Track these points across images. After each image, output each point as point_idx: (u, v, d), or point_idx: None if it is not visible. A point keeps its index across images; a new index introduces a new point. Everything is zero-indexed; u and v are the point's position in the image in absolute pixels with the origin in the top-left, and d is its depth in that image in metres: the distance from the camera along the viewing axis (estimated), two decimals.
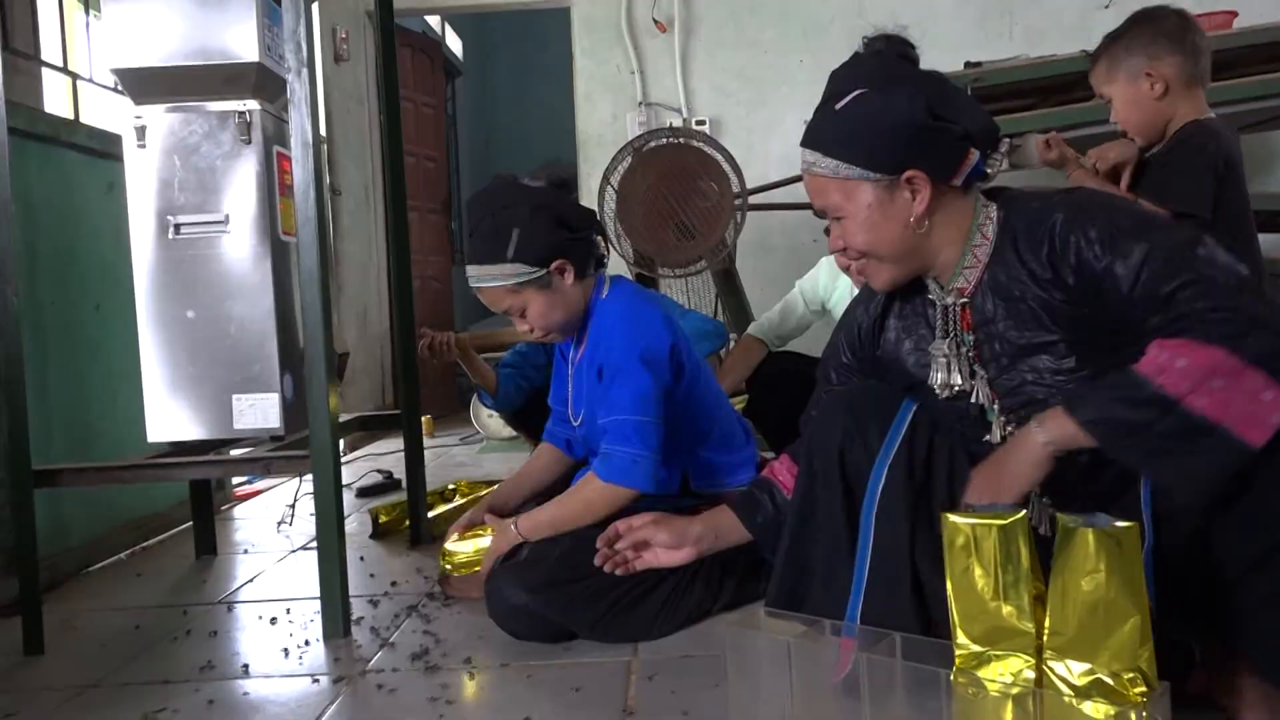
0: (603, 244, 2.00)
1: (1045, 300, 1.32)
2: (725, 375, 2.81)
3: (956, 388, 1.42)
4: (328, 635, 1.89)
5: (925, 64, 1.42)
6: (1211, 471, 1.14)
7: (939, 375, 1.43)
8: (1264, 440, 1.10)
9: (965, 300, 1.41)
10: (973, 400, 1.42)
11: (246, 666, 1.77)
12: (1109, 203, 1.35)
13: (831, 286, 2.84)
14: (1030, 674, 1.14)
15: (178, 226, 2.09)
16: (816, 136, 1.39)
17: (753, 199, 3.50)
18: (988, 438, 1.42)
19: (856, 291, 1.77)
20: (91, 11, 3.60)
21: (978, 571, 1.16)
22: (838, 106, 1.36)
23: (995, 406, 1.41)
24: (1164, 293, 1.18)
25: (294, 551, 2.64)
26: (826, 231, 3.66)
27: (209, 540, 2.63)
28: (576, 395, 2.06)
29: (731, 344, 3.25)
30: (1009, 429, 1.40)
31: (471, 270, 1.90)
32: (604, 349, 1.90)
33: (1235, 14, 3.58)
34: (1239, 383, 1.09)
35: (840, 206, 1.38)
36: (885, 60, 1.39)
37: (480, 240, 1.87)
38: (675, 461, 1.96)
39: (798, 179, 4.43)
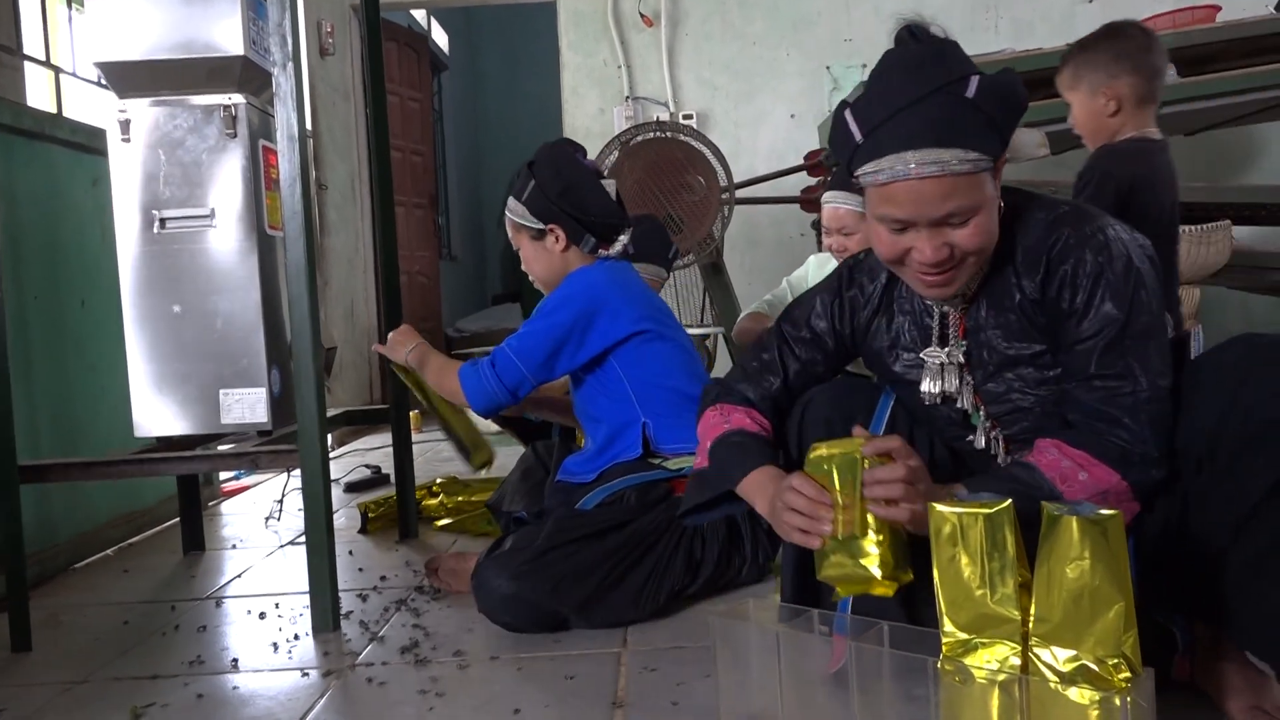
0: (621, 239, 2.10)
1: (1031, 318, 1.33)
2: (742, 340, 2.82)
3: (945, 395, 1.41)
4: (317, 629, 1.89)
5: None
6: None
7: (928, 384, 1.41)
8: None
9: (964, 306, 1.38)
10: (957, 405, 1.41)
11: (235, 661, 1.77)
12: (1111, 234, 1.27)
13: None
14: (1016, 661, 1.15)
15: (163, 221, 2.09)
16: (952, 132, 1.19)
17: (740, 192, 3.50)
18: (971, 438, 1.43)
19: None
20: (74, 5, 3.58)
21: (964, 560, 1.17)
22: (969, 94, 1.19)
23: (981, 412, 1.41)
24: (1089, 372, 1.27)
25: (282, 546, 2.64)
26: (815, 226, 3.60)
27: (197, 536, 2.63)
28: None
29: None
30: (994, 434, 1.41)
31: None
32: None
33: (1218, 8, 3.61)
34: (1119, 499, 1.25)
35: (972, 206, 1.22)
36: (947, 44, 1.25)
37: (514, 179, 2.16)
38: (631, 424, 2.01)
39: (785, 172, 4.45)
